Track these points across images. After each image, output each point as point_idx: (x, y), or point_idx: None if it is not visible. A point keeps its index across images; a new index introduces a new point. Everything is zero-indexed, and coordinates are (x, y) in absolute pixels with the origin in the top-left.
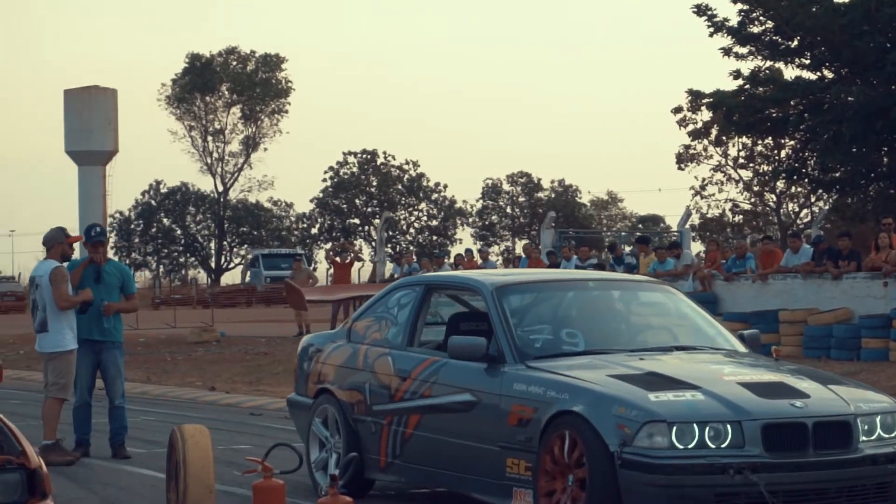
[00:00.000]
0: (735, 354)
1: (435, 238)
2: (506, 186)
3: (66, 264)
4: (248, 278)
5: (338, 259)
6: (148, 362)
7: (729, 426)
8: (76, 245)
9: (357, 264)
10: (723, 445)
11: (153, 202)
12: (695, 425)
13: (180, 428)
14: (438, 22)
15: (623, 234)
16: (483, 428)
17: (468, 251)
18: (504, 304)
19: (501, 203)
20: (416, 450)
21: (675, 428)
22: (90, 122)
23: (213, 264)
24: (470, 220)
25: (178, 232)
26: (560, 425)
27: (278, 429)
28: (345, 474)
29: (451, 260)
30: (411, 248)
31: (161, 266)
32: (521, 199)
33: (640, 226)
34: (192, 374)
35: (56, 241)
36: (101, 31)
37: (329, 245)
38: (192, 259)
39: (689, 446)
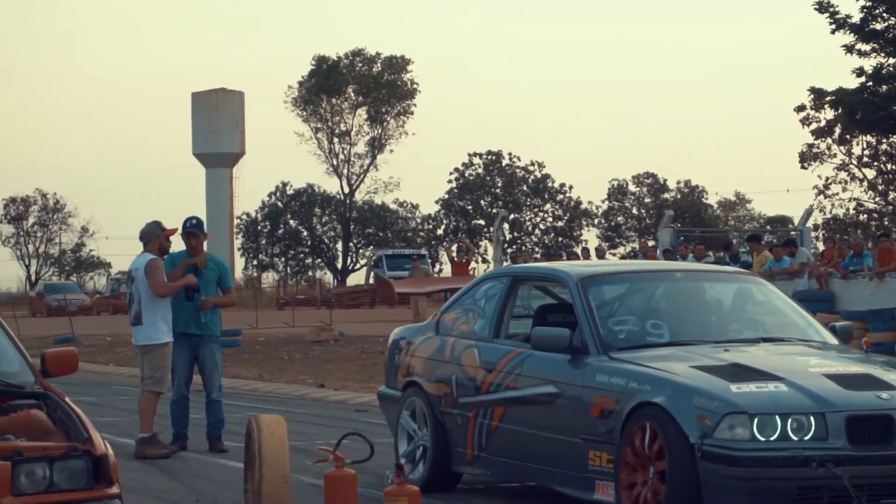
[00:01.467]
0: (824, 346)
1: (560, 239)
2: (632, 187)
3: (164, 258)
4: (371, 279)
5: (455, 257)
6: (265, 360)
7: (812, 418)
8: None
9: (476, 264)
10: (805, 438)
11: (280, 204)
12: (777, 417)
13: (256, 418)
14: (562, 22)
15: (741, 232)
16: (566, 420)
17: (585, 250)
18: (589, 295)
19: (627, 204)
20: (501, 443)
21: (756, 420)
22: (217, 124)
23: (339, 265)
24: (595, 220)
25: (305, 233)
26: (641, 417)
27: (380, 424)
28: (415, 467)
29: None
30: (523, 248)
31: (288, 267)
32: (647, 199)
33: (769, 227)
34: (306, 372)
35: (153, 235)
36: (229, 33)
37: (451, 245)
38: (319, 260)
39: (771, 438)
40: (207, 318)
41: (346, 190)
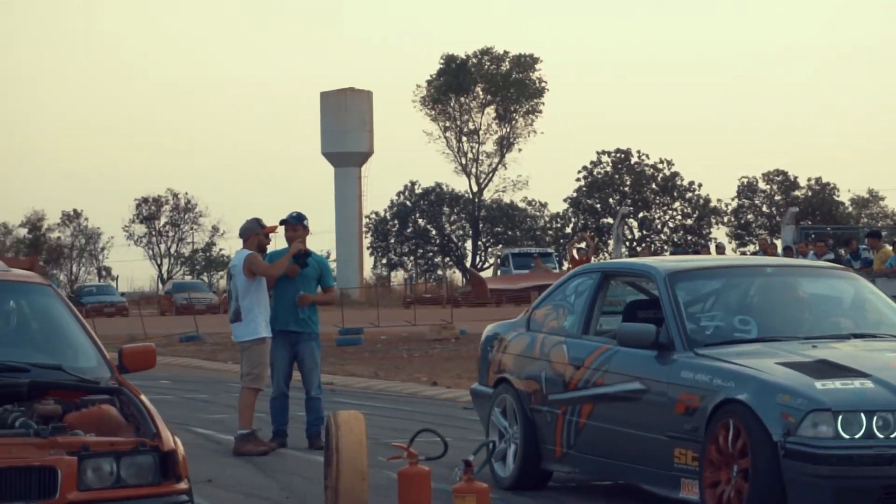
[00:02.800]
0: None
1: (689, 237)
2: (761, 185)
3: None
4: (498, 274)
5: (575, 253)
6: (385, 358)
7: None
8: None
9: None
10: (892, 436)
11: (408, 203)
12: (862, 414)
13: (335, 414)
14: (691, 20)
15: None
16: (652, 417)
17: (720, 246)
18: (676, 291)
19: (757, 202)
20: (589, 440)
21: (840, 417)
22: (346, 123)
23: (467, 264)
24: (725, 219)
25: (433, 232)
26: (725, 414)
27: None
28: (505, 465)
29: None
30: (652, 246)
31: (416, 266)
32: (777, 197)
33: None
34: (422, 370)
35: (252, 232)
36: (357, 33)
37: (573, 242)
38: (447, 259)
39: (856, 436)
40: (305, 314)
41: (475, 189)
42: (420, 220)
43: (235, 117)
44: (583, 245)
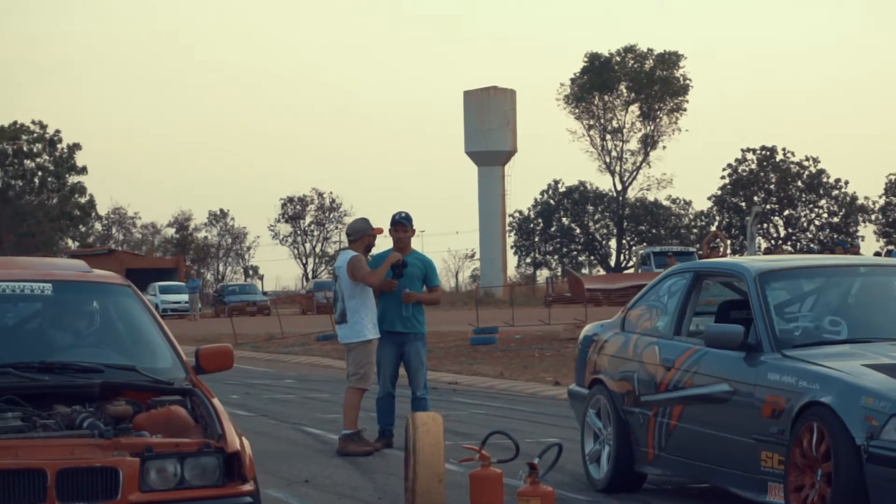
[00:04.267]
0: None
1: (836, 236)
2: None
3: (369, 257)
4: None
5: (710, 252)
6: (516, 358)
7: None
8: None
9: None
10: None
11: (552, 201)
12: None
13: (413, 415)
14: (835, 16)
15: None
16: (739, 419)
17: (841, 245)
18: (766, 291)
19: None
20: (680, 442)
21: None
22: (489, 122)
23: (611, 263)
24: (872, 216)
25: (577, 231)
26: (809, 417)
27: None
28: (599, 467)
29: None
30: (798, 244)
31: (561, 265)
32: None
33: None
34: (550, 369)
35: (364, 233)
36: (500, 31)
37: (706, 240)
38: (591, 257)
39: None
40: (410, 313)
41: (619, 187)
42: (564, 219)
43: (380, 117)
44: (717, 242)
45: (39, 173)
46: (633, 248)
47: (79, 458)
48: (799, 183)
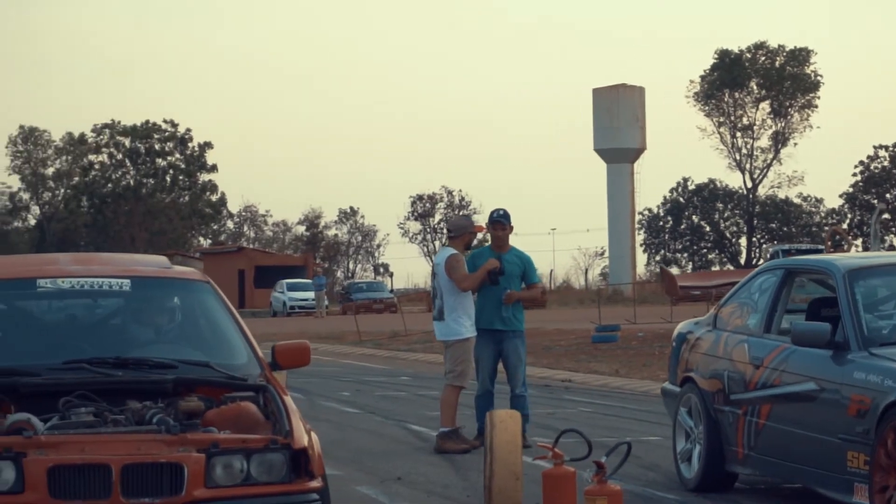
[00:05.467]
0: None
1: None
2: None
3: (467, 253)
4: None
5: (832, 249)
6: (636, 356)
7: None
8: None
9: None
10: None
11: (681, 199)
12: None
13: (491, 413)
14: None
15: None
16: (825, 419)
17: None
18: (855, 289)
19: None
20: (768, 441)
21: None
22: (618, 119)
23: (742, 261)
24: None
25: (707, 228)
26: (893, 416)
27: None
28: (691, 466)
29: None
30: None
31: (691, 263)
32: None
33: None
34: (666, 368)
35: (464, 230)
36: (630, 28)
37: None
38: (721, 255)
39: None
40: (510, 312)
41: (749, 184)
42: (693, 217)
43: (509, 115)
44: (837, 239)
45: (171, 171)
46: (764, 245)
47: (144, 453)
48: None
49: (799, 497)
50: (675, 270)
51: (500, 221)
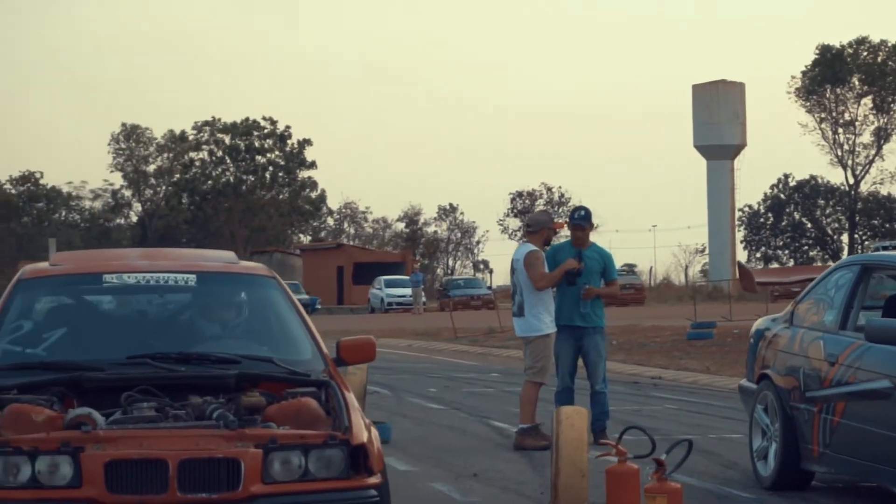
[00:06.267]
0: None
1: None
2: None
3: (547, 248)
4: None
5: None
6: (731, 352)
7: None
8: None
9: None
10: None
11: (782, 195)
12: None
13: (557, 410)
14: None
15: None
16: None
17: None
18: None
19: None
20: (842, 439)
21: None
22: (718, 116)
23: (843, 257)
24: None
25: (809, 225)
26: None
27: None
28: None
29: None
30: None
31: (792, 259)
32: None
33: None
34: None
35: (543, 225)
36: (730, 24)
37: None
38: (823, 252)
39: None
40: (589, 308)
41: (851, 181)
42: (794, 213)
43: (609, 111)
44: None
45: (270, 168)
46: (866, 242)
47: (202, 448)
48: None
49: (876, 496)
50: (774, 267)
51: (580, 224)
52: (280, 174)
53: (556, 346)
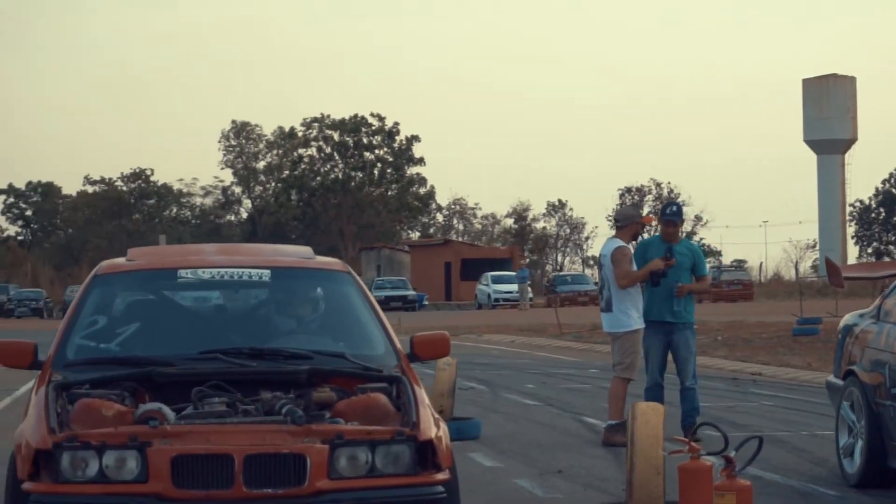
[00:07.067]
0: None
1: None
2: None
3: (636, 243)
4: None
5: None
6: (835, 349)
7: None
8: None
9: None
10: None
11: (894, 190)
12: None
13: (633, 406)
14: None
15: None
16: None
17: None
18: None
19: None
20: None
21: None
22: (828, 110)
23: None
24: None
25: None
26: None
27: None
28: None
29: None
30: None
31: None
32: None
33: None
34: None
35: (632, 220)
36: (841, 18)
37: None
38: None
39: None
40: (681, 305)
41: None
42: None
43: (717, 106)
44: None
45: (379, 165)
46: None
47: (268, 444)
48: None
49: None
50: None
51: (672, 220)
52: (388, 171)
53: (645, 342)
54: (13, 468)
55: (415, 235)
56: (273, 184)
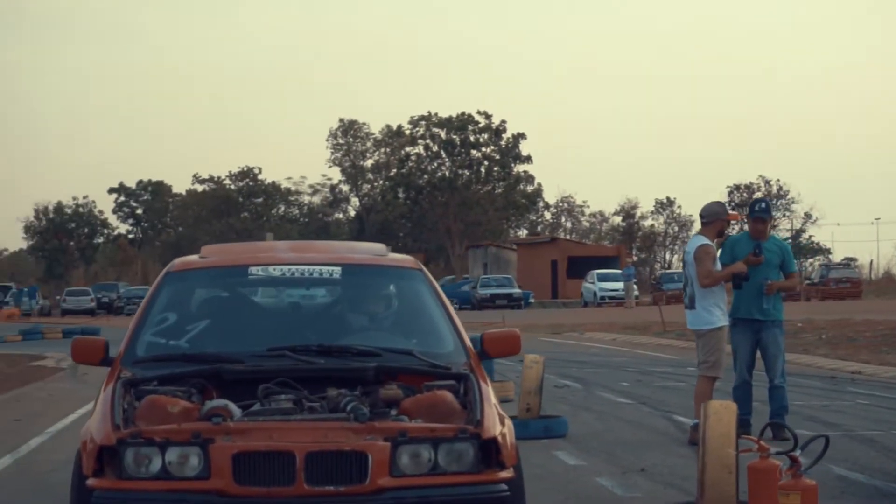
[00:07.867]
0: None
1: None
2: None
3: (723, 240)
4: None
5: None
6: None
7: None
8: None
9: None
10: None
11: None
12: None
13: (706, 404)
14: None
15: None
16: None
17: None
18: None
19: None
20: None
21: None
22: None
23: None
24: None
25: None
26: None
27: None
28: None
29: None
30: None
31: None
32: None
33: None
34: None
35: (716, 217)
36: None
37: None
38: None
39: None
40: (770, 303)
41: None
42: None
43: (827, 100)
44: None
45: (486, 163)
46: None
47: (331, 441)
48: None
49: None
50: None
51: (761, 217)
52: (495, 168)
53: (733, 341)
54: (79, 464)
55: (522, 233)
56: (380, 182)
